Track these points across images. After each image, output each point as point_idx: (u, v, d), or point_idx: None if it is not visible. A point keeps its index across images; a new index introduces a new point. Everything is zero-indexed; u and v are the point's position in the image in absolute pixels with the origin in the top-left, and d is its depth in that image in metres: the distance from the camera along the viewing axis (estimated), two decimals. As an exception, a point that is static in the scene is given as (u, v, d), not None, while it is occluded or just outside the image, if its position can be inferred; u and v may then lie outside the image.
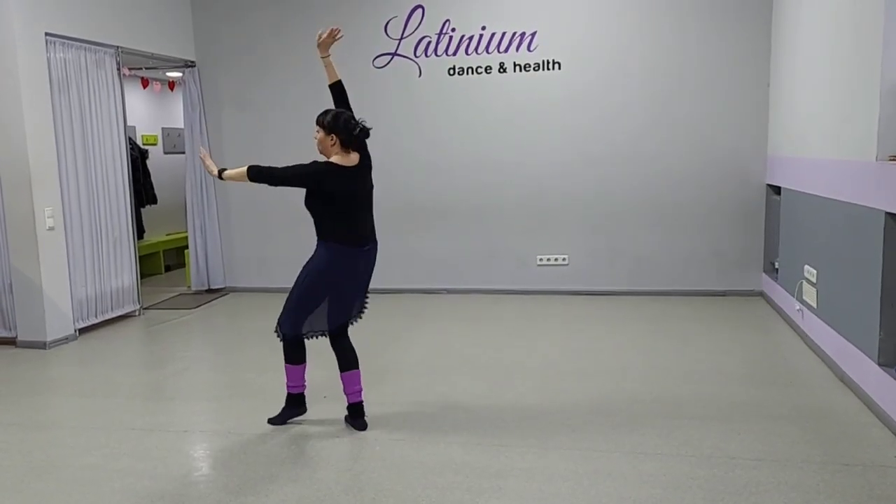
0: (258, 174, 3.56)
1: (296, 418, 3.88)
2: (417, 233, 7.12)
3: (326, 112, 3.60)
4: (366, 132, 3.59)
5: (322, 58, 3.82)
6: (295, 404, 3.88)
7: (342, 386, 3.78)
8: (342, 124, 3.54)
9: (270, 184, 3.58)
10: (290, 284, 3.69)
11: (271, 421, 3.86)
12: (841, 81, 4.38)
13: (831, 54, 4.59)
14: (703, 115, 6.48)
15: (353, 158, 3.61)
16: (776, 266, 6.05)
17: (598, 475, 3.17)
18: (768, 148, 6.37)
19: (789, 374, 4.47)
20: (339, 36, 3.84)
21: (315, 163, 3.54)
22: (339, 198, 3.56)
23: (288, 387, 3.84)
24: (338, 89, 3.83)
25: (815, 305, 4.82)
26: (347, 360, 3.75)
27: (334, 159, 3.57)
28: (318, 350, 3.95)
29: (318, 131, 3.59)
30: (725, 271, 6.63)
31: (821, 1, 4.82)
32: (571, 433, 3.62)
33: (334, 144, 3.57)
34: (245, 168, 3.58)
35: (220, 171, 3.68)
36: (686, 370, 4.56)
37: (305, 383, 3.87)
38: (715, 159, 6.51)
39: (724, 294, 6.62)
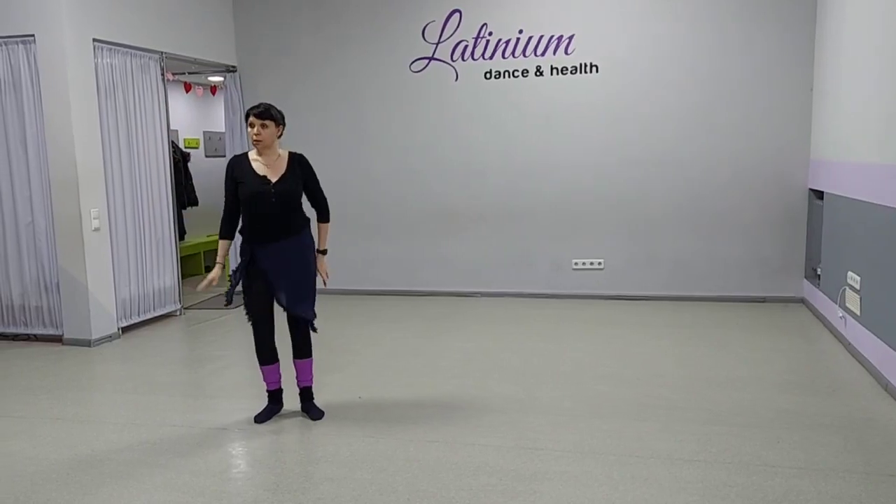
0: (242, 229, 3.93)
1: (321, 417, 3.98)
2: (453, 236, 7.14)
3: (267, 106, 3.72)
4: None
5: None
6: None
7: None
8: (283, 117, 3.78)
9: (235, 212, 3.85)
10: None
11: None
12: (887, 84, 4.28)
13: (877, 57, 4.49)
14: (745, 118, 6.38)
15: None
16: (818, 272, 5.93)
17: (635, 481, 3.14)
18: (811, 152, 6.25)
19: (831, 382, 4.37)
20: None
21: (226, 171, 3.78)
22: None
23: None
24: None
25: (858, 313, 4.72)
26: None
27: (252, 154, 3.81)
28: (350, 350, 3.98)
29: (263, 125, 3.69)
30: (766, 277, 6.51)
31: (867, 3, 4.73)
32: (607, 438, 3.60)
33: (280, 136, 3.78)
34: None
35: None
36: (725, 377, 4.49)
37: None
38: (756, 163, 6.40)
39: (764, 300, 6.51)
